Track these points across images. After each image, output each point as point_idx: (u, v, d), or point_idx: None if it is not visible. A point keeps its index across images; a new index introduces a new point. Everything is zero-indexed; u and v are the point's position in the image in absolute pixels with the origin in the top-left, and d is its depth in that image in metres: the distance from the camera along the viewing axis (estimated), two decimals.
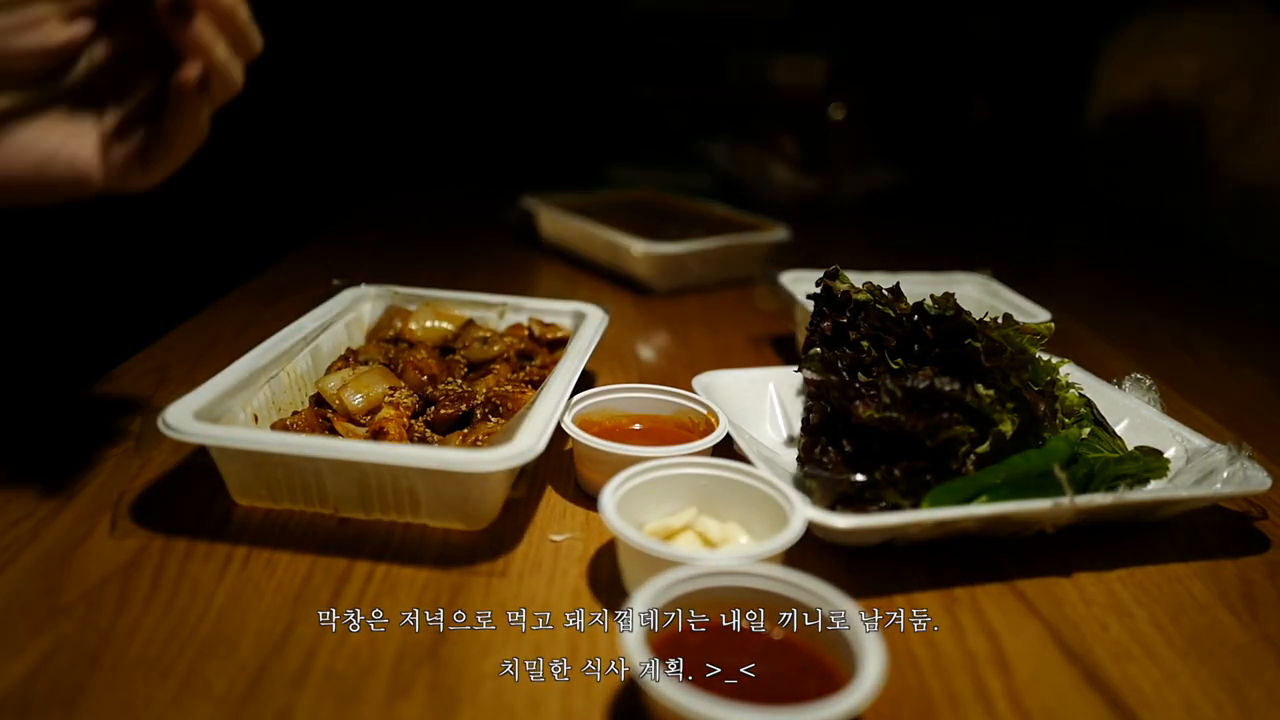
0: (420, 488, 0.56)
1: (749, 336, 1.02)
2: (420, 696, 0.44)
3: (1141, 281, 1.41)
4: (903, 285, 0.68)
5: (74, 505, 0.58)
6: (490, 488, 0.56)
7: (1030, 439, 0.61)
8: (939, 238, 1.65)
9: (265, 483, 0.57)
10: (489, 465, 0.52)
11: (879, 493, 0.57)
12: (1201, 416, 0.83)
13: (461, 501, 0.56)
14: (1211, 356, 1.06)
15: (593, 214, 1.27)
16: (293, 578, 0.52)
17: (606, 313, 0.80)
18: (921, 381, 0.58)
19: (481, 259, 1.32)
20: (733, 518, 0.56)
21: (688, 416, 0.69)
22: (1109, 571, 0.58)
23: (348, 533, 0.57)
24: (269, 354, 0.66)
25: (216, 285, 1.07)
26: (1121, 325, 1.14)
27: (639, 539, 0.48)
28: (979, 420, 0.59)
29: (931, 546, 0.58)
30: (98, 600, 0.49)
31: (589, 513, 0.61)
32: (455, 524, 0.58)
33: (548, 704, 0.44)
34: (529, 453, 0.53)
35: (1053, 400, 0.63)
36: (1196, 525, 0.64)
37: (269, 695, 0.43)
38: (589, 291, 1.16)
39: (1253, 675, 0.49)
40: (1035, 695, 0.47)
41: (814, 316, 0.69)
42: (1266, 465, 0.62)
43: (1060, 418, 0.64)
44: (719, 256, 1.19)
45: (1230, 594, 0.57)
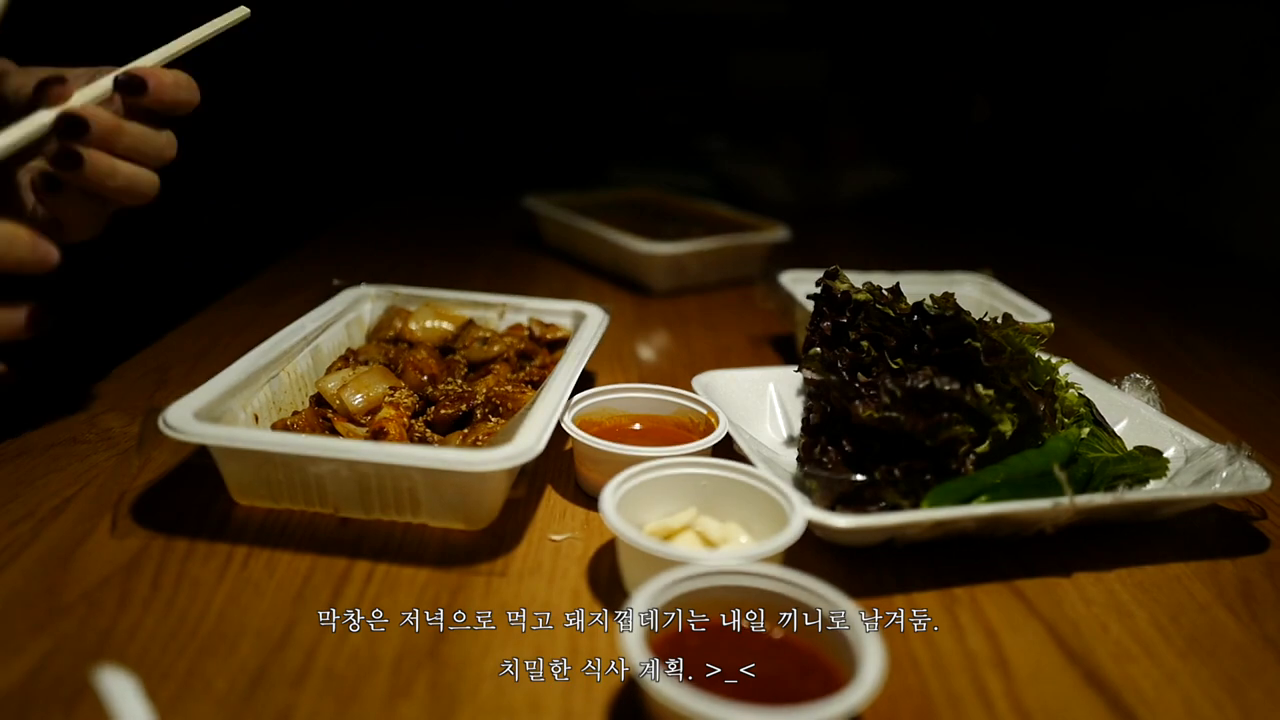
0: (420, 487, 0.56)
1: (749, 336, 1.02)
2: (420, 696, 0.44)
3: (1141, 281, 1.41)
4: (903, 285, 0.68)
5: (74, 505, 0.58)
6: (490, 488, 0.57)
7: (1030, 439, 0.61)
8: (939, 238, 1.65)
9: (266, 483, 0.58)
10: (489, 465, 0.52)
11: (879, 493, 0.57)
12: (1201, 416, 0.83)
13: (462, 501, 0.56)
14: (1211, 356, 1.06)
15: (593, 214, 1.27)
16: (293, 578, 0.52)
17: (607, 313, 0.80)
18: (921, 381, 0.58)
19: (482, 259, 1.32)
20: (733, 518, 0.56)
21: (688, 416, 0.69)
22: (1109, 571, 0.58)
23: (348, 533, 0.57)
24: (269, 354, 0.66)
25: (216, 285, 1.07)
26: (1121, 325, 1.14)
27: (639, 539, 0.49)
28: (979, 420, 0.59)
29: (931, 546, 0.58)
30: (98, 600, 0.49)
31: (589, 513, 0.62)
32: (455, 524, 0.58)
33: (548, 704, 0.44)
34: (529, 453, 0.53)
35: (1052, 400, 0.63)
36: (1196, 525, 0.64)
37: (269, 695, 0.43)
38: (589, 291, 1.16)
39: (1253, 675, 0.49)
40: (1035, 695, 0.47)
41: (814, 316, 0.69)
42: (1266, 465, 0.62)
43: (1060, 418, 0.64)
44: (719, 256, 1.19)
45: (1230, 594, 0.57)
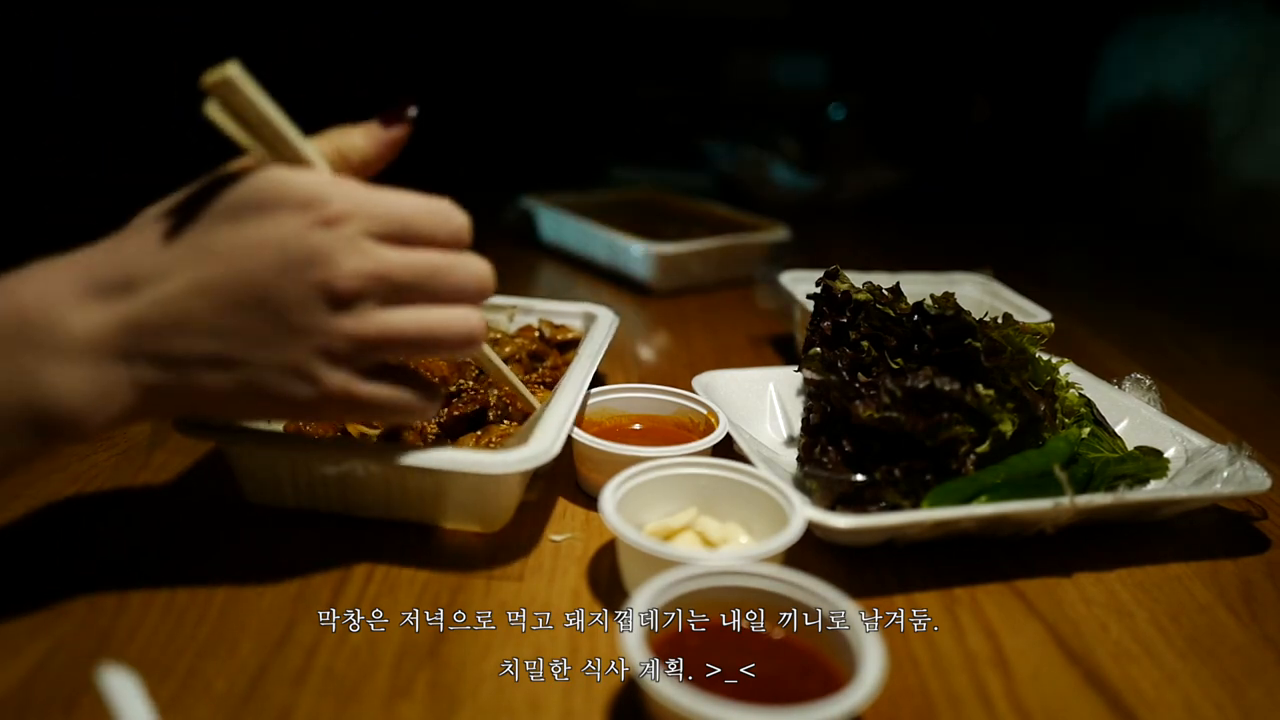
0: (436, 489, 0.56)
1: (749, 336, 1.02)
2: (420, 696, 0.44)
3: (1142, 281, 1.41)
4: (903, 285, 0.68)
5: (74, 505, 0.58)
6: (506, 490, 0.56)
7: (1030, 439, 0.61)
8: (939, 238, 1.65)
9: (281, 483, 0.57)
10: (506, 467, 0.52)
11: (879, 493, 0.57)
12: (1201, 416, 0.83)
13: (478, 503, 0.56)
14: (1211, 356, 1.06)
15: (593, 214, 1.27)
16: (293, 578, 0.52)
17: (617, 314, 0.80)
18: (921, 381, 0.58)
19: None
20: (733, 518, 0.56)
21: (688, 416, 0.69)
22: (1109, 571, 0.58)
23: (348, 533, 0.57)
24: None
25: None
26: (1121, 325, 1.14)
27: (639, 539, 0.48)
28: (979, 420, 0.59)
29: (931, 546, 0.58)
30: (98, 600, 0.49)
31: (589, 513, 0.61)
32: (471, 526, 0.58)
33: (548, 704, 0.44)
34: (545, 454, 0.53)
35: (1053, 400, 0.63)
36: (1196, 525, 0.64)
37: (269, 695, 0.43)
38: (589, 291, 1.16)
39: (1253, 675, 0.49)
40: (1035, 695, 0.47)
41: (814, 316, 0.69)
42: (1266, 465, 0.62)
43: (1060, 418, 0.64)
44: (719, 256, 1.19)
45: (1230, 594, 0.57)
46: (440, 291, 0.46)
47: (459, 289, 0.47)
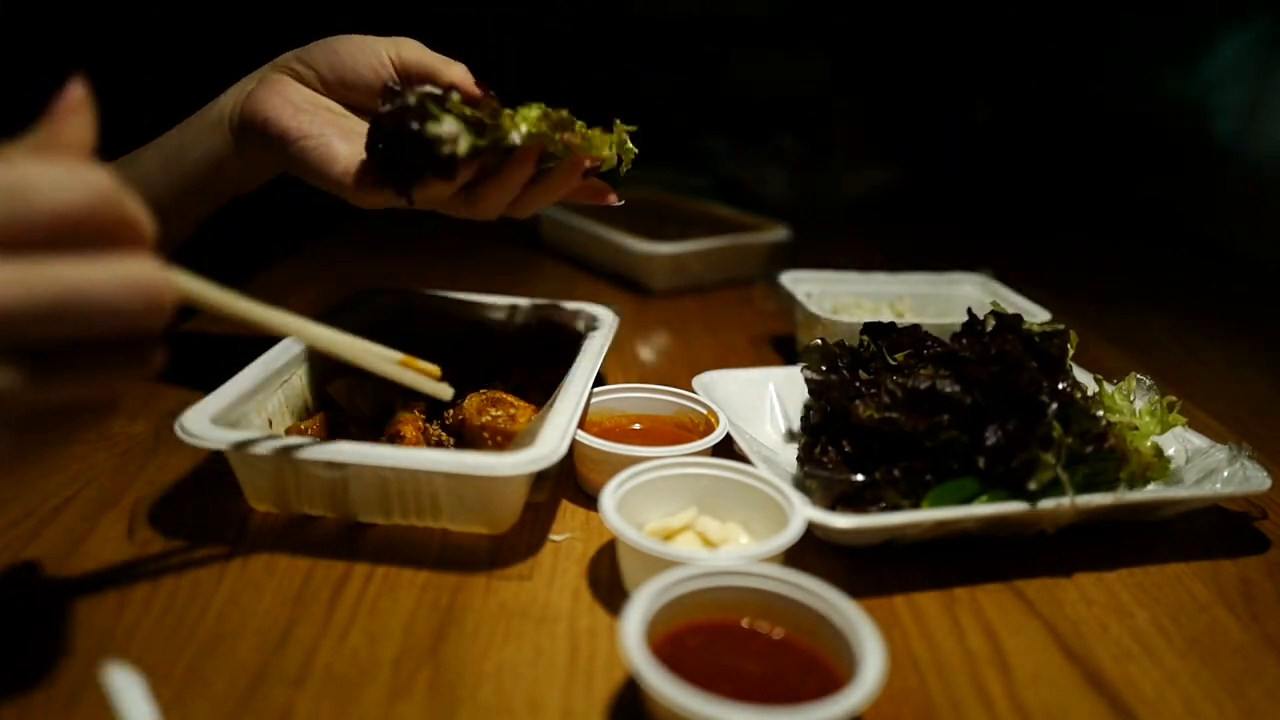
0: (442, 492, 0.56)
1: (749, 336, 1.02)
2: (420, 696, 0.44)
3: (1142, 281, 1.41)
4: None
5: (74, 505, 0.58)
6: (513, 491, 0.56)
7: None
8: (939, 238, 1.64)
9: (285, 489, 0.57)
10: (512, 469, 0.52)
11: (879, 493, 0.57)
12: (1202, 416, 0.83)
13: (484, 505, 0.56)
14: (1211, 356, 1.06)
15: (593, 214, 1.27)
16: (292, 577, 0.52)
17: (618, 314, 0.80)
18: (922, 382, 0.58)
19: (482, 259, 1.32)
20: (733, 518, 0.56)
21: (688, 416, 0.69)
22: (1109, 572, 0.58)
23: (348, 533, 0.57)
24: (281, 358, 0.65)
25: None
26: (1121, 325, 1.14)
27: (639, 539, 0.48)
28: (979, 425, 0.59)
29: (931, 546, 0.58)
30: (98, 600, 0.49)
31: (589, 513, 0.61)
32: (477, 528, 0.58)
33: (548, 704, 0.44)
34: (551, 455, 0.53)
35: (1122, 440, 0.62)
36: (1196, 525, 0.64)
37: (269, 695, 0.43)
38: (589, 291, 1.16)
39: (1253, 675, 0.49)
40: (1035, 695, 0.47)
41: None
42: (1266, 465, 0.62)
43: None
44: (719, 256, 1.19)
45: (1230, 594, 0.57)
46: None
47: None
